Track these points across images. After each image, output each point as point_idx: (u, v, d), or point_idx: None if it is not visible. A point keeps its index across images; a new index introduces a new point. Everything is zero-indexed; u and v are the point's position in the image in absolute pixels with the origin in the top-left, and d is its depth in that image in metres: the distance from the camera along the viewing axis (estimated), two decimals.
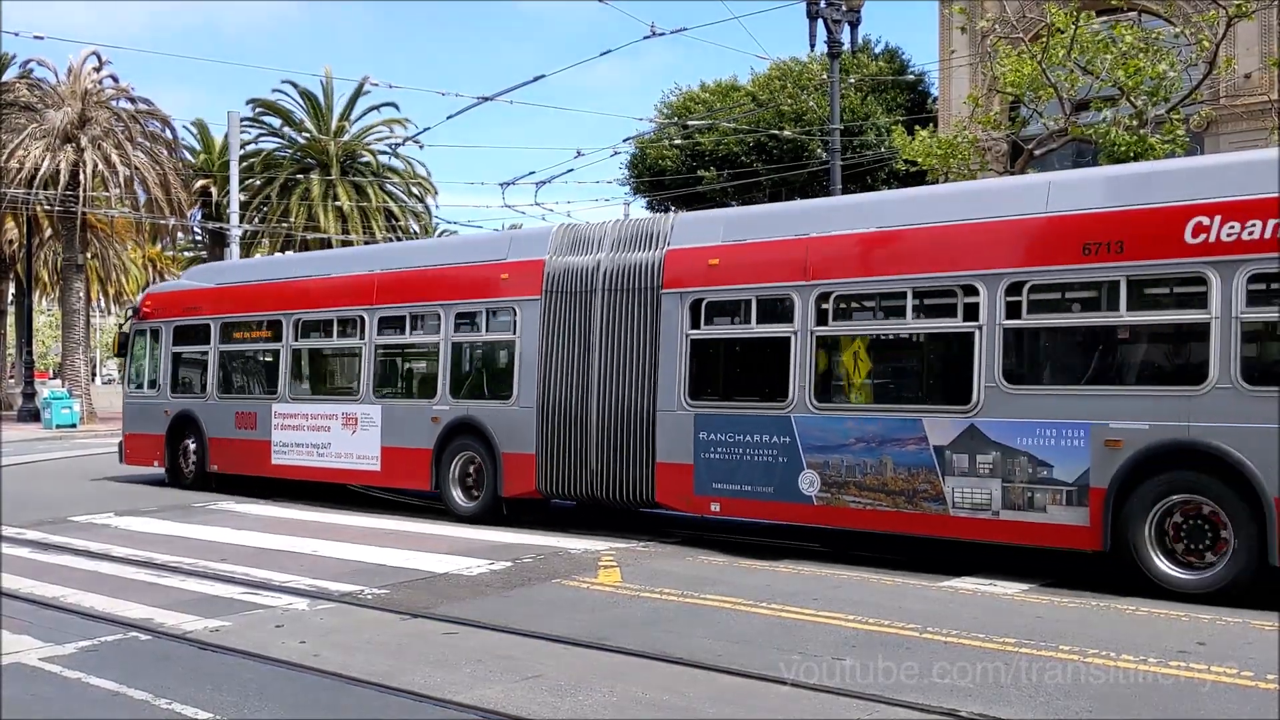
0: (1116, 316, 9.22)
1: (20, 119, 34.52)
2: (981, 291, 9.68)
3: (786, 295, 10.94)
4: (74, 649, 7.42)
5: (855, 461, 10.30)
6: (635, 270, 12.19)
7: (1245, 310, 8.43)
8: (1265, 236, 8.35)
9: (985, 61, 18.50)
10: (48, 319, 73.78)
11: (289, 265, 17.78)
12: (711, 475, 11.29)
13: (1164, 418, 8.70)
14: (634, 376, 12.06)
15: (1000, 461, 9.45)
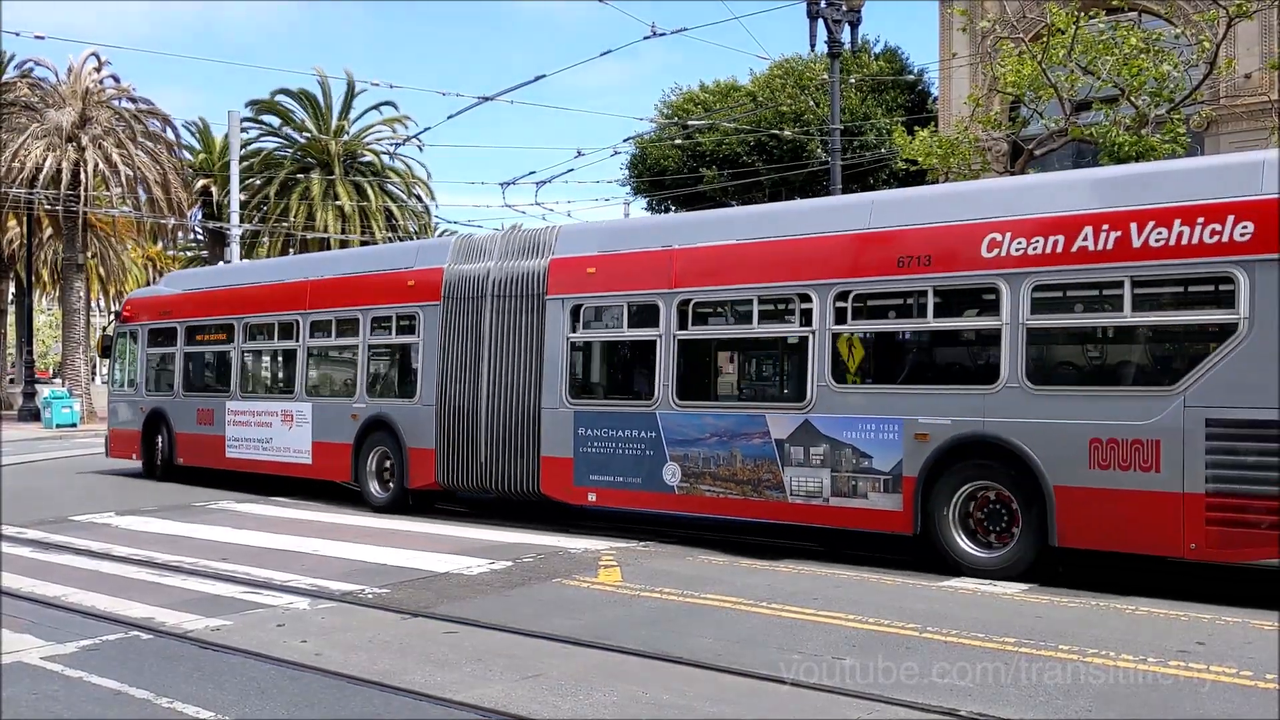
0: (925, 323, 10.27)
1: (21, 118, 34.53)
2: (814, 299, 10.66)
3: (653, 302, 11.91)
4: (75, 648, 7.43)
5: (710, 454, 11.24)
6: (523, 277, 13.14)
7: (1030, 317, 9.42)
8: (1047, 251, 9.34)
9: (986, 61, 18.50)
10: (48, 318, 73.81)
11: (244, 273, 19.64)
12: (589, 467, 12.20)
13: (964, 414, 9.65)
14: (521, 376, 12.98)
15: (829, 453, 10.41)
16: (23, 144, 33.35)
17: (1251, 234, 8.46)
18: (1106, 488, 8.93)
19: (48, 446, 26.45)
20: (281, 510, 14.74)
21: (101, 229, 40.96)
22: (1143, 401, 8.89)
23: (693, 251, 11.78)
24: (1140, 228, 8.95)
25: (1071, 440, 9.08)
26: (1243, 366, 8.44)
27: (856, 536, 11.09)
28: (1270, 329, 8.34)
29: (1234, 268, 8.55)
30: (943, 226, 10.07)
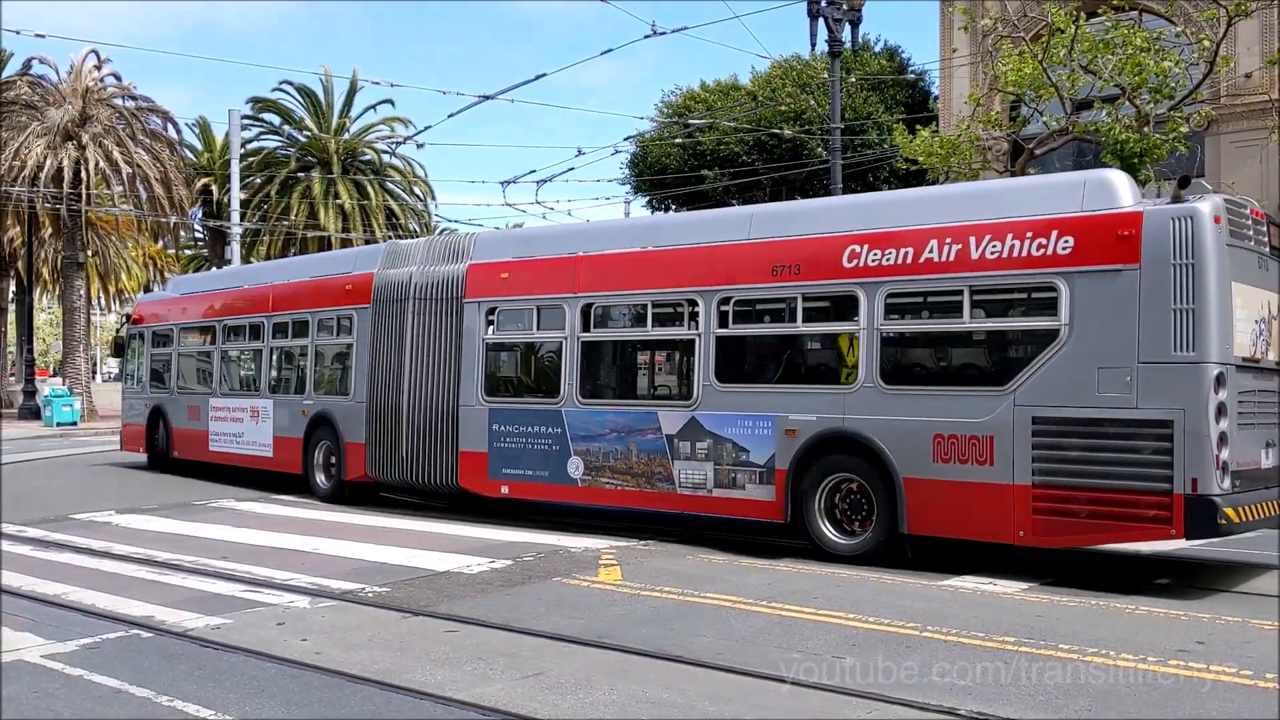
0: (795, 327, 11.05)
1: (22, 117, 34.51)
2: (701, 304, 11.46)
3: (560, 305, 12.67)
4: (75, 646, 7.43)
5: (610, 449, 12.03)
6: (443, 282, 13.94)
7: (883, 323, 10.22)
8: (898, 262, 10.11)
9: (986, 60, 18.48)
10: (49, 317, 73.80)
11: (229, 278, 20.98)
12: (502, 462, 12.98)
13: (827, 411, 10.45)
14: (441, 375, 13.75)
15: (713, 448, 11.19)
16: (23, 142, 33.33)
17: (1072, 247, 9.21)
18: (948, 480, 9.66)
19: (48, 445, 26.44)
20: (282, 509, 14.74)
21: (102, 227, 40.94)
22: (978, 401, 9.61)
23: (595, 259, 12.54)
24: (978, 241, 9.70)
25: (918, 436, 9.82)
26: (1064, 368, 9.16)
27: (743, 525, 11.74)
28: (1087, 334, 9.06)
29: (1056, 278, 9.27)
30: (811, 238, 10.86)
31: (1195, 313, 8.68)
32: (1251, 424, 9.20)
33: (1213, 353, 8.64)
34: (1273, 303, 9.73)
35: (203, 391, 18.90)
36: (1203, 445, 8.54)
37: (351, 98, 43.01)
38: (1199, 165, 24.17)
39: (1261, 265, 9.54)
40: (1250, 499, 8.90)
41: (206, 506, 14.95)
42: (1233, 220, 9.10)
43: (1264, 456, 9.40)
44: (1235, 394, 8.85)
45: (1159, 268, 8.80)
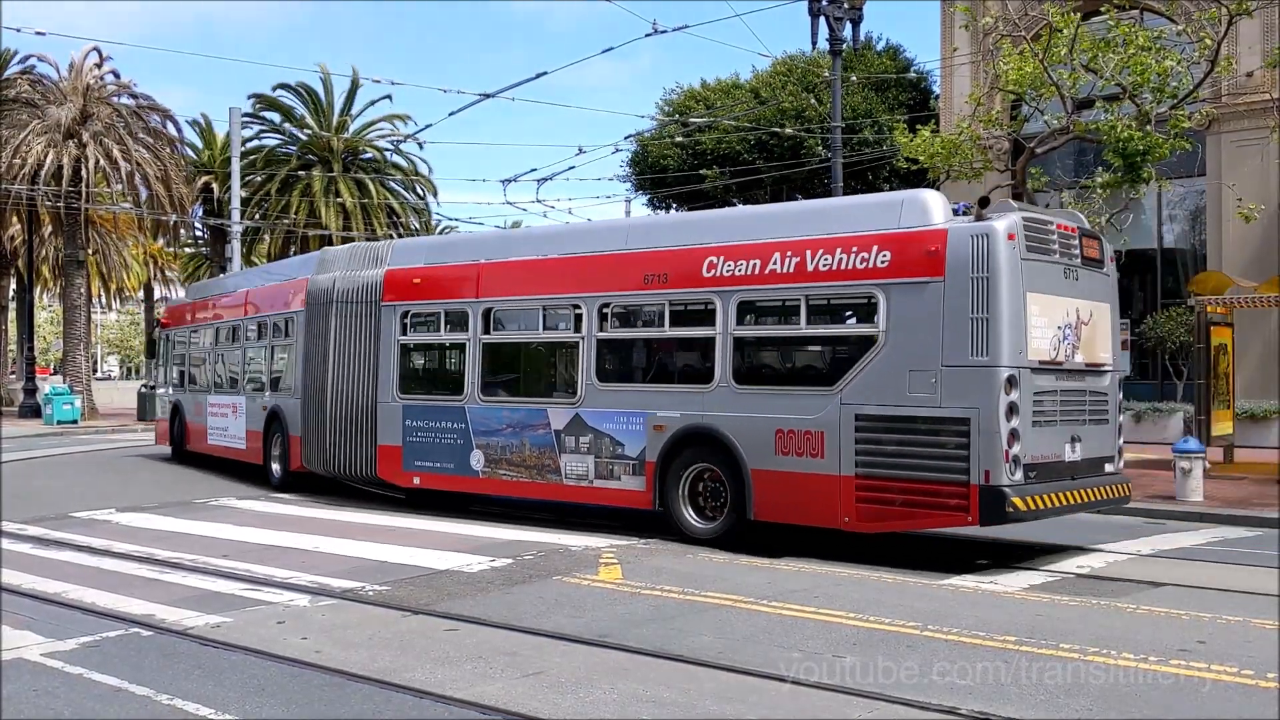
0: (663, 331, 11.98)
1: (22, 115, 34.46)
2: (584, 309, 12.38)
3: (464, 309, 13.64)
4: (75, 645, 7.43)
5: (506, 442, 12.95)
6: (363, 287, 14.92)
7: (735, 328, 11.15)
8: (748, 272, 11.05)
9: (987, 59, 18.46)
10: (49, 315, 73.81)
11: (227, 283, 22.41)
12: (414, 454, 13.93)
13: (689, 409, 11.38)
14: (361, 374, 14.72)
15: (594, 442, 12.12)
16: (23, 140, 33.29)
17: (889, 261, 10.12)
18: (787, 471, 10.59)
19: (49, 443, 26.43)
20: (282, 507, 14.74)
21: (103, 225, 40.92)
22: (812, 399, 10.54)
23: (495, 266, 13.54)
24: (813, 254, 10.64)
25: (763, 431, 10.74)
26: (882, 371, 10.07)
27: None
28: (901, 340, 9.96)
29: (876, 289, 10.20)
30: (677, 250, 11.78)
31: (989, 321, 9.56)
32: (1053, 421, 10.09)
33: (1004, 357, 9.50)
34: (1082, 310, 10.55)
35: (203, 390, 20.56)
36: (994, 441, 9.41)
37: (353, 95, 42.96)
38: (1199, 164, 24.18)
39: (1068, 275, 10.40)
40: (1043, 489, 9.78)
41: (207, 504, 14.95)
42: (1030, 236, 9.92)
43: (1069, 450, 10.27)
44: (1030, 394, 9.74)
45: (960, 280, 9.68)
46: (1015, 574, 9.96)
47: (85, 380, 36.09)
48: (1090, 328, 10.72)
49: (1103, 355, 10.96)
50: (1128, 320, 25.53)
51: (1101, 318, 10.96)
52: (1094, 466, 10.67)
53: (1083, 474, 10.45)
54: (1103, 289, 11.05)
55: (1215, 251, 24.18)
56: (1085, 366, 10.63)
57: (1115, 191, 18.80)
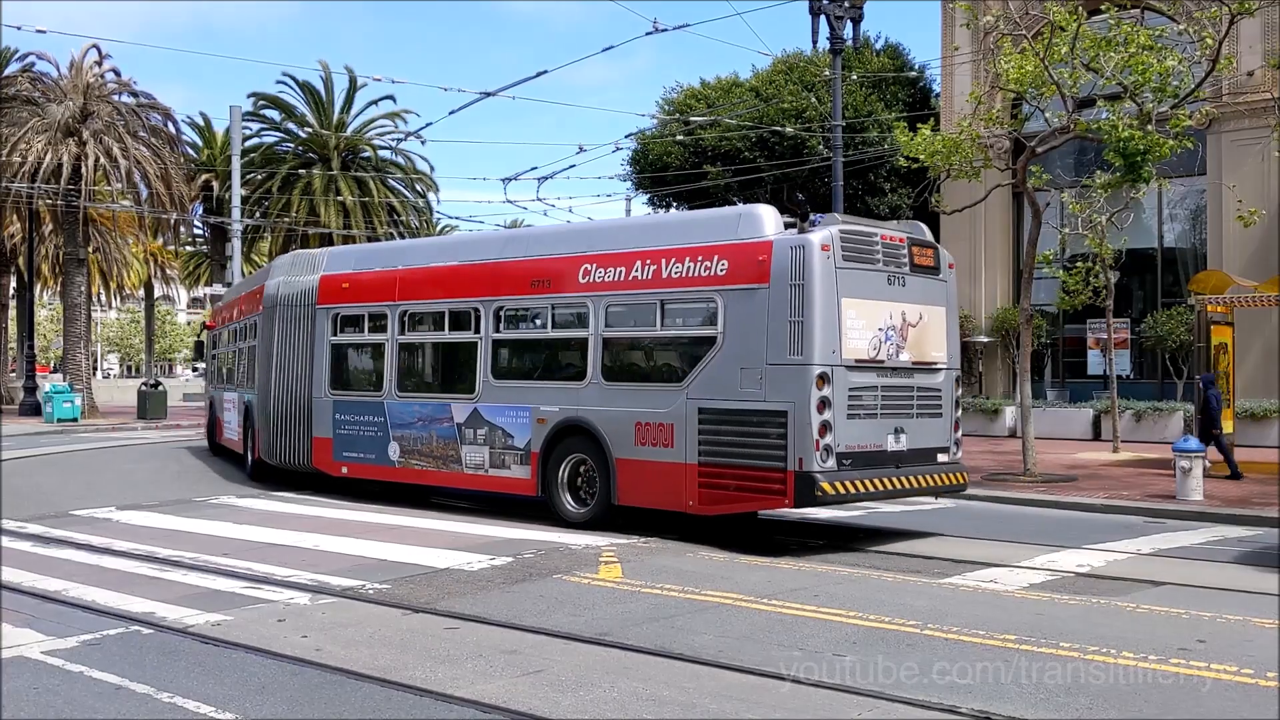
0: (546, 332, 13.19)
1: (22, 113, 34.41)
2: (481, 311, 13.52)
3: (384, 311, 14.87)
4: (76, 642, 7.43)
5: (418, 434, 14.13)
6: (302, 291, 16.19)
7: (604, 330, 12.25)
8: (615, 279, 12.14)
9: (988, 58, 18.44)
10: (49, 312, 73.78)
11: (240, 286, 24.04)
12: (342, 446, 15.18)
13: (566, 404, 12.43)
14: (300, 372, 15.99)
15: (489, 434, 13.25)
16: (23, 138, 33.25)
17: (726, 269, 11.18)
18: (645, 460, 11.64)
19: (49, 440, 26.41)
20: (282, 505, 14.74)
21: (103, 224, 40.85)
22: (665, 395, 11.60)
23: (411, 272, 14.75)
24: (667, 263, 11.73)
25: (625, 424, 11.81)
26: (720, 369, 11.12)
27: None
28: (735, 341, 10.99)
29: (716, 294, 11.24)
30: (560, 257, 12.87)
31: (803, 324, 10.59)
32: (873, 414, 11.12)
33: (816, 356, 10.53)
34: (909, 313, 11.52)
35: (220, 387, 22.52)
36: (807, 432, 10.44)
37: (353, 94, 42.91)
38: (1200, 163, 24.18)
39: (893, 282, 11.40)
40: (856, 475, 10.79)
41: (207, 503, 14.95)
42: (848, 247, 10.92)
43: (891, 441, 11.27)
44: (845, 390, 10.73)
45: (781, 287, 10.72)
46: (1015, 573, 9.96)
47: (85, 378, 36.06)
48: (920, 329, 11.66)
49: (934, 354, 11.89)
50: (1127, 319, 25.61)
51: (934, 320, 11.88)
52: (924, 456, 11.62)
53: (909, 463, 11.41)
54: (936, 293, 11.96)
55: (1215, 251, 24.20)
56: (912, 364, 11.56)
57: (1116, 191, 18.80)
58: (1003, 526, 12.87)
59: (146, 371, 61.87)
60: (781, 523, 13.21)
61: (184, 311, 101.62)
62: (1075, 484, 16.35)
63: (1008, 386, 26.83)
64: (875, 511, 14.16)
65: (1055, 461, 18.88)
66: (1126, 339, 25.44)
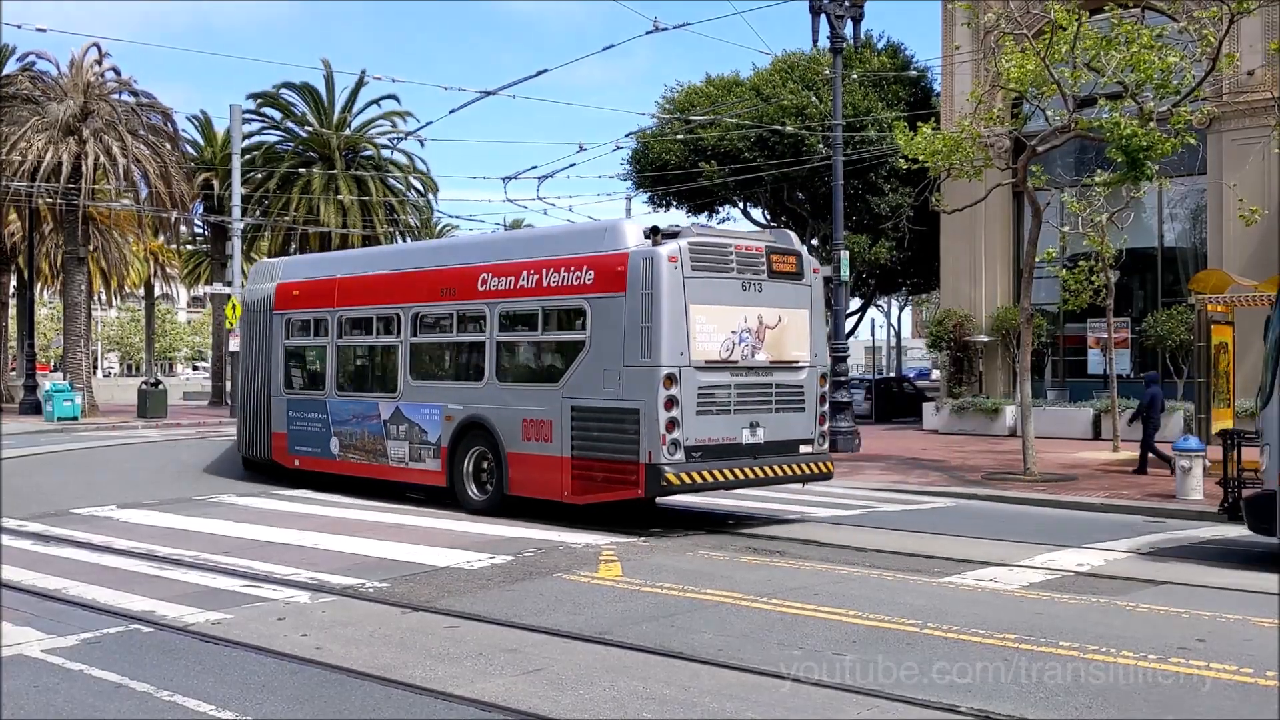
0: (452, 336, 14.35)
1: (23, 111, 34.38)
2: (402, 317, 14.80)
3: (325, 317, 16.17)
4: (76, 641, 7.43)
5: (353, 430, 15.39)
6: (263, 298, 17.50)
7: (498, 334, 13.44)
8: (506, 288, 13.30)
9: (989, 57, 18.42)
10: (50, 311, 73.78)
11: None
12: (295, 440, 16.48)
13: (469, 402, 13.64)
14: (263, 373, 17.34)
15: (408, 430, 14.43)
16: (24, 137, 33.22)
17: (593, 279, 12.21)
18: (530, 454, 12.75)
19: (49, 439, 26.41)
20: (281, 504, 14.74)
21: (103, 222, 40.79)
22: (545, 394, 12.69)
23: (348, 280, 16.07)
24: (548, 272, 12.78)
25: (514, 420, 12.95)
26: (588, 370, 12.20)
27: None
28: (599, 345, 12.07)
29: (584, 302, 12.30)
30: (465, 267, 14.04)
31: (652, 328, 11.58)
32: (726, 410, 12.04)
33: (663, 358, 11.52)
34: (767, 316, 12.41)
35: None
36: (655, 427, 11.42)
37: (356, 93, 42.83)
38: (1200, 162, 24.16)
39: (748, 288, 12.30)
40: (704, 467, 11.77)
41: (207, 501, 14.95)
42: (699, 258, 11.90)
43: (747, 434, 12.21)
44: (694, 389, 11.69)
45: (635, 295, 11.72)
46: (1015, 572, 9.96)
47: (85, 377, 36.04)
48: (779, 330, 12.55)
49: (795, 354, 12.75)
50: (1127, 318, 25.60)
51: (796, 322, 12.75)
52: (784, 448, 12.55)
53: (768, 454, 12.39)
54: (798, 297, 12.82)
55: (1216, 250, 24.17)
56: (770, 363, 12.48)
57: (1116, 190, 18.79)
58: (1002, 526, 12.87)
59: (147, 370, 61.89)
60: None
61: (184, 310, 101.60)
62: (1075, 483, 16.36)
63: (1008, 386, 26.82)
64: (875, 510, 14.16)
65: (1055, 461, 18.88)
66: (1127, 338, 25.43)
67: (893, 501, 15.11)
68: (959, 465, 19.22)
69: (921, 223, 29.12)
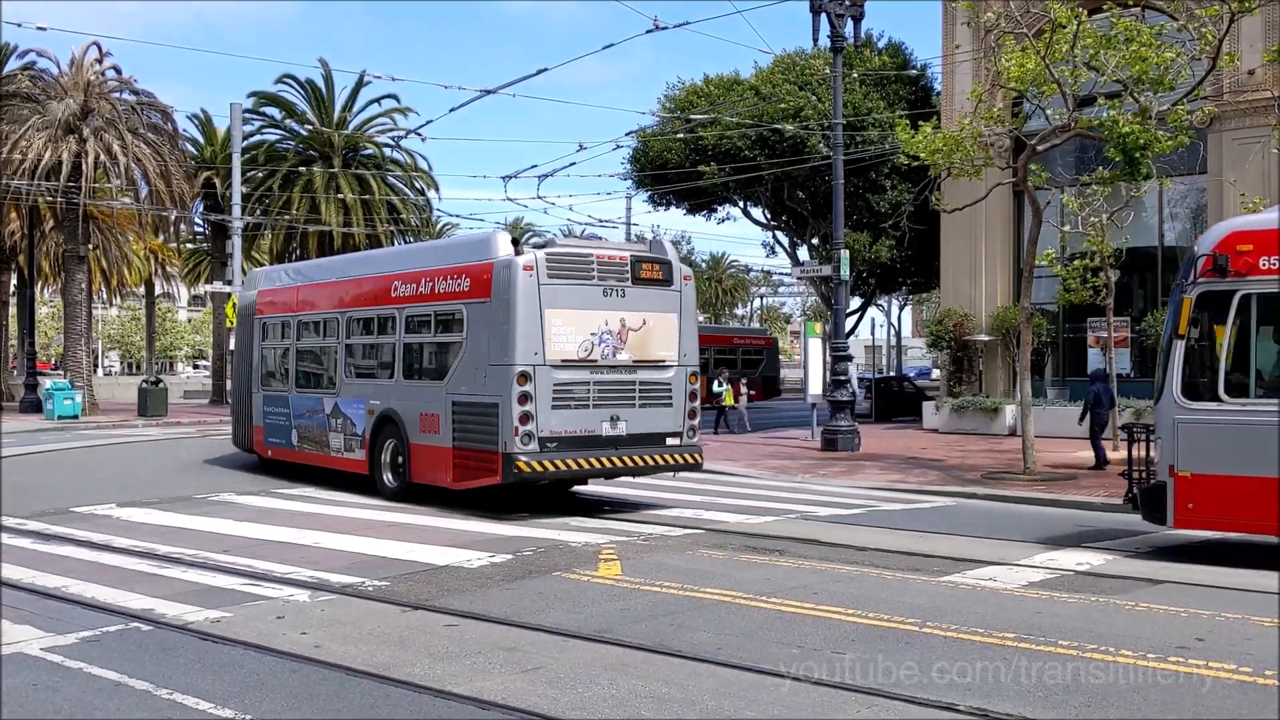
0: (373, 338, 15.88)
1: (23, 110, 34.36)
2: (339, 321, 16.40)
3: (289, 321, 17.88)
4: (75, 639, 7.43)
5: (307, 424, 16.98)
6: (248, 304, 19.43)
7: (405, 336, 14.96)
8: (410, 294, 14.76)
9: (989, 56, 18.41)
10: (50, 310, 73.76)
11: None
12: (268, 433, 18.22)
13: (384, 398, 15.09)
14: (248, 370, 19.13)
15: (343, 423, 15.96)
16: (24, 135, 33.21)
17: (468, 286, 13.59)
18: (427, 444, 14.08)
19: (49, 438, 26.42)
20: (281, 502, 14.74)
21: (103, 221, 40.76)
22: (435, 390, 14.04)
23: (305, 288, 17.84)
24: (439, 280, 14.19)
25: (415, 414, 14.30)
26: (464, 369, 13.58)
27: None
28: (472, 346, 13.45)
29: (462, 307, 13.68)
30: (385, 275, 15.65)
31: (508, 331, 12.81)
32: (584, 405, 13.15)
33: (517, 358, 12.74)
34: (630, 319, 13.49)
35: None
36: (510, 421, 12.67)
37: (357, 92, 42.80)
38: (1201, 162, 24.15)
39: (610, 294, 13.39)
40: (560, 456, 12.92)
41: (207, 499, 14.95)
42: (557, 266, 13.09)
43: (607, 427, 13.28)
44: (549, 385, 12.85)
45: (497, 301, 13.01)
46: (1014, 571, 9.96)
47: (86, 375, 36.04)
48: (643, 333, 13.59)
49: (660, 353, 13.74)
50: (1128, 318, 25.58)
51: (662, 324, 13.77)
52: (649, 440, 13.58)
53: (630, 445, 13.41)
54: (665, 302, 13.83)
55: None
56: (634, 362, 13.53)
57: (1116, 189, 18.78)
58: (1002, 525, 12.87)
59: (147, 369, 61.87)
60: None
61: (185, 309, 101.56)
62: (1075, 482, 16.35)
63: (1008, 385, 26.81)
64: (875, 510, 14.16)
65: (1055, 460, 18.87)
66: (1127, 337, 25.42)
67: (892, 500, 15.11)
68: (959, 464, 19.22)
69: (922, 222, 29.12)
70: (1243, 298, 10.01)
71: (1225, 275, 10.00)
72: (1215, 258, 10.02)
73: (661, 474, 14.71)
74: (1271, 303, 10.01)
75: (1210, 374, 10.27)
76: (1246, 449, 9.86)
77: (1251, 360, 10.26)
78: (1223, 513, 10.10)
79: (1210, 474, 10.02)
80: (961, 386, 28.15)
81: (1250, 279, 9.93)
